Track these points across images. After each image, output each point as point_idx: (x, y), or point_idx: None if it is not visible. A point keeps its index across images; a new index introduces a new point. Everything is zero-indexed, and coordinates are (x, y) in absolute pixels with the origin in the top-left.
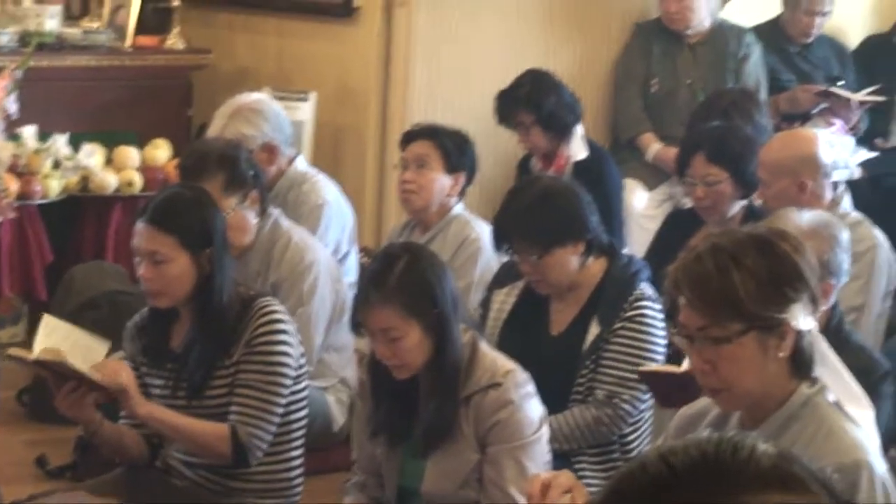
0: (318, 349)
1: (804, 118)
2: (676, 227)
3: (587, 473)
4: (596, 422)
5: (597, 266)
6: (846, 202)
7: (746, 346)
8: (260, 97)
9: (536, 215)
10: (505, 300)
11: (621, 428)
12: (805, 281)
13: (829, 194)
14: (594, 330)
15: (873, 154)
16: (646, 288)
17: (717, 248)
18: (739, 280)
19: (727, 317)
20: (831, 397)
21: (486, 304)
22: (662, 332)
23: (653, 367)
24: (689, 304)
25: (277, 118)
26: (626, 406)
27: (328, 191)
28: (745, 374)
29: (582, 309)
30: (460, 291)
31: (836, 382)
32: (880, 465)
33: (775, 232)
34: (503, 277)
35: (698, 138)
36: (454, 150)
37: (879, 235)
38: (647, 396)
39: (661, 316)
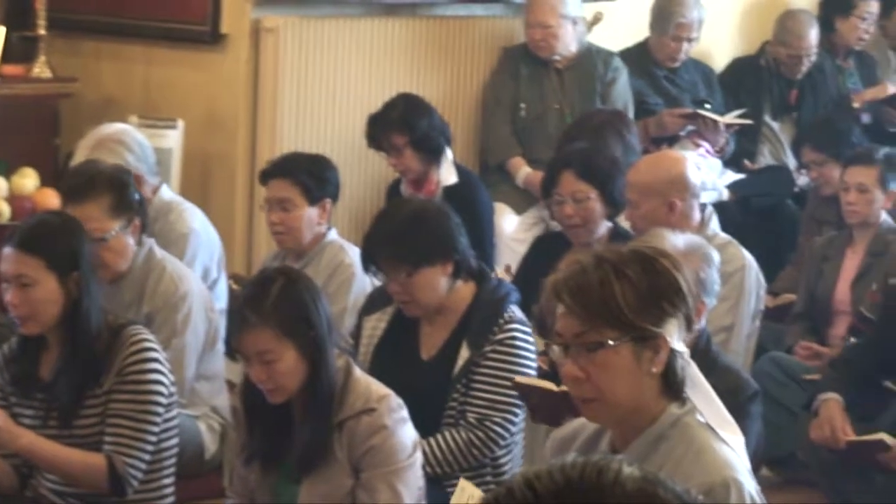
0: (191, 379)
1: (671, 141)
2: (543, 251)
3: None
4: (468, 445)
5: (466, 290)
6: (714, 223)
7: (621, 354)
8: (123, 127)
9: (405, 234)
10: (376, 325)
11: (493, 450)
12: (683, 297)
13: (697, 215)
14: (464, 354)
15: (741, 176)
16: (515, 311)
17: (600, 259)
18: (620, 290)
19: (604, 324)
20: (701, 418)
21: (357, 330)
22: (533, 355)
23: (530, 379)
24: (569, 311)
25: (141, 148)
26: (498, 429)
27: (194, 219)
28: (617, 384)
29: (452, 333)
30: (335, 316)
31: (707, 406)
32: (750, 483)
33: (656, 250)
34: (374, 303)
35: (567, 156)
36: (313, 182)
37: (748, 256)
38: (518, 419)
39: (530, 339)
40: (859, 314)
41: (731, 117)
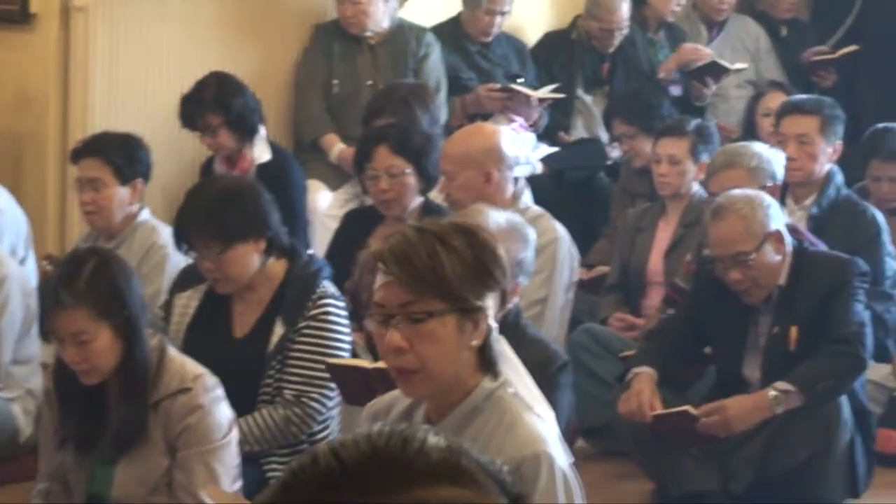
0: (7, 364)
1: (486, 117)
2: (354, 226)
3: (278, 474)
4: (285, 421)
5: (278, 266)
6: (526, 196)
7: (447, 326)
8: None
9: (218, 210)
10: (187, 304)
11: (311, 426)
12: (504, 271)
13: (511, 188)
14: (279, 330)
15: (555, 149)
16: (328, 286)
17: (423, 230)
18: (448, 261)
19: (432, 294)
20: (513, 391)
21: (167, 307)
22: (347, 329)
23: (341, 360)
24: (396, 281)
25: None
26: (315, 404)
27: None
28: (440, 356)
29: (265, 310)
30: (149, 298)
31: (518, 380)
32: (560, 457)
33: (476, 224)
34: (185, 281)
35: (382, 130)
36: (124, 161)
37: (560, 229)
38: (335, 394)
39: (344, 313)
40: (673, 285)
41: (545, 92)
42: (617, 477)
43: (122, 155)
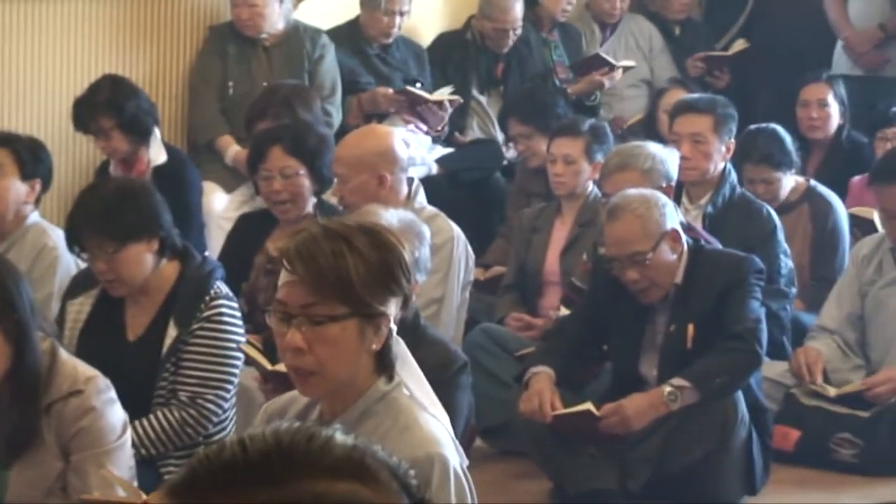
0: None
1: (382, 117)
2: (248, 229)
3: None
4: (181, 423)
5: (171, 268)
6: (421, 197)
7: (347, 330)
8: None
9: (110, 210)
10: (80, 309)
11: (207, 428)
12: (408, 275)
13: (405, 189)
14: (172, 332)
15: (450, 150)
16: (221, 287)
17: (329, 230)
18: (353, 263)
19: (336, 297)
20: (409, 393)
21: (61, 315)
22: (241, 330)
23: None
24: (299, 281)
25: None
26: (211, 405)
27: None
28: (339, 359)
29: (158, 312)
30: (40, 302)
31: (415, 382)
32: (454, 459)
33: (380, 225)
34: (77, 286)
35: (276, 131)
36: (29, 157)
37: (455, 228)
38: (230, 395)
39: (238, 314)
40: (570, 284)
41: (444, 95)
42: (515, 476)
43: (29, 151)
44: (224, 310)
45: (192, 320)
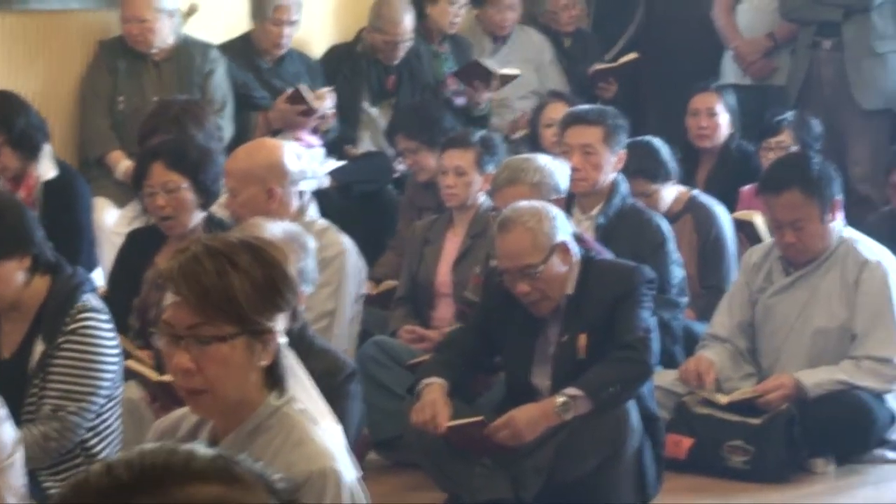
0: None
1: (275, 132)
2: (138, 245)
3: (53, 490)
4: (44, 438)
5: (42, 283)
6: (312, 210)
7: (236, 348)
8: None
9: None
10: None
11: (71, 440)
12: (294, 290)
13: (295, 202)
14: (39, 348)
15: (342, 163)
16: (90, 299)
17: (211, 248)
18: (237, 281)
19: (222, 317)
20: (300, 407)
21: None
22: (111, 343)
23: (135, 366)
24: (185, 302)
25: None
26: (74, 418)
27: None
28: (229, 378)
29: (29, 328)
30: None
31: (306, 395)
32: (348, 472)
33: (262, 239)
34: None
35: (156, 147)
36: None
37: (347, 241)
38: (97, 406)
39: (107, 326)
40: (463, 298)
41: (324, 92)
42: (408, 488)
43: None
44: (91, 322)
45: (58, 334)
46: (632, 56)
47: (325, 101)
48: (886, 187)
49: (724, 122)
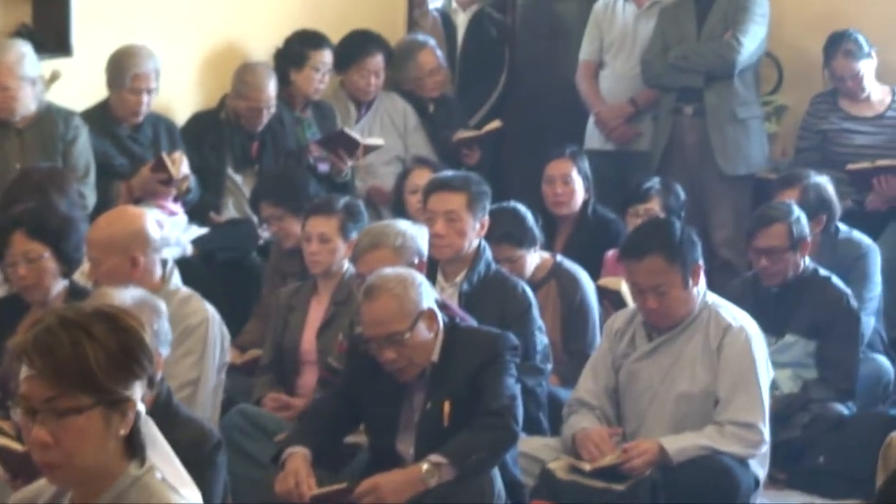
0: None
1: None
2: (1, 314)
3: None
4: None
5: None
6: (175, 278)
7: (92, 419)
8: None
9: None
10: None
11: None
12: (150, 357)
13: (158, 271)
14: None
15: (206, 230)
16: None
17: (65, 320)
18: (92, 353)
19: (77, 388)
20: (160, 475)
21: None
22: None
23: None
24: (39, 375)
25: None
26: None
27: None
28: (87, 450)
29: None
30: None
31: (167, 464)
32: None
33: (118, 308)
34: None
35: (17, 216)
36: None
37: (210, 309)
38: None
39: None
40: (326, 364)
41: (185, 169)
42: None
43: None
44: None
45: None
46: (495, 124)
47: (182, 167)
48: (748, 252)
49: (579, 187)
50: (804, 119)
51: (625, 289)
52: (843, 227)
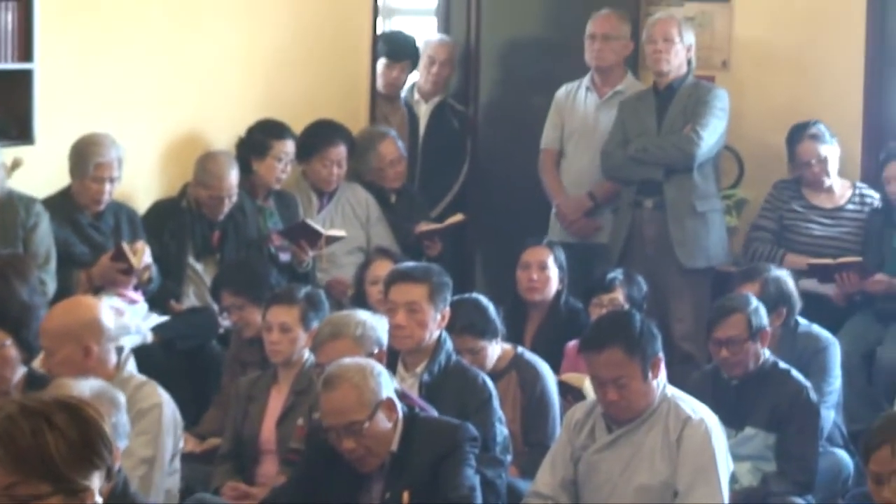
0: None
1: (97, 290)
2: None
3: None
4: None
5: None
6: (131, 365)
7: None
8: None
9: None
10: None
11: None
12: (110, 449)
13: (113, 359)
14: None
15: (166, 318)
16: None
17: (26, 408)
18: (52, 441)
19: (37, 477)
20: None
21: None
22: None
23: None
24: (0, 462)
25: None
26: None
27: None
28: None
29: None
30: None
31: None
32: None
33: (79, 399)
34: None
35: None
36: None
37: (164, 395)
38: None
39: None
40: (289, 449)
41: (147, 258)
42: None
43: None
44: None
45: None
46: (458, 218)
47: (144, 257)
48: (708, 344)
49: (554, 276)
50: (766, 199)
51: (587, 386)
52: (802, 320)
